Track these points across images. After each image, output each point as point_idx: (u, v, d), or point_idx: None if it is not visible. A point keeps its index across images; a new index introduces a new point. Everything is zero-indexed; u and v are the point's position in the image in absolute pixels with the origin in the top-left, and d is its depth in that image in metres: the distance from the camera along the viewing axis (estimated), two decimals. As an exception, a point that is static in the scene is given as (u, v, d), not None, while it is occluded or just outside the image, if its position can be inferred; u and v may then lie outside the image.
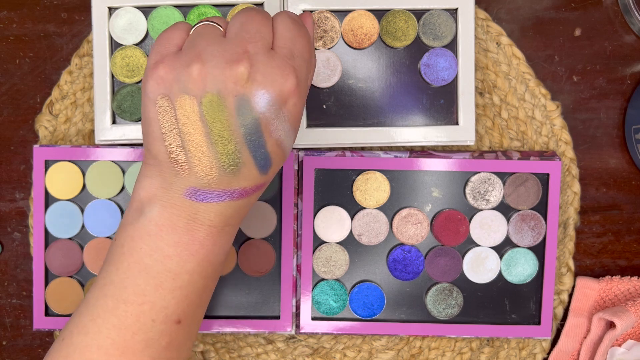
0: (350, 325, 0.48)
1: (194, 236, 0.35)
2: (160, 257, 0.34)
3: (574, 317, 0.50)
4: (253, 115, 0.33)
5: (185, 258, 0.35)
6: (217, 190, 0.34)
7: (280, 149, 0.35)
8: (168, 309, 0.35)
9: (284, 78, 0.33)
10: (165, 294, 0.35)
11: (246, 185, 0.35)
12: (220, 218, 0.35)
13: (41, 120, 0.49)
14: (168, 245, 0.34)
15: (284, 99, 0.33)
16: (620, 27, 0.49)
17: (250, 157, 0.34)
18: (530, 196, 0.48)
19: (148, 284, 0.34)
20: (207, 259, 0.35)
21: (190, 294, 0.35)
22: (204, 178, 0.34)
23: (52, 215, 0.47)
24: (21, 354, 0.51)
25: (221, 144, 0.33)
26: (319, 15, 0.46)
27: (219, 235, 0.35)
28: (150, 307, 0.34)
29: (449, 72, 0.47)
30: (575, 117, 0.50)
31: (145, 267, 0.34)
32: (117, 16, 0.46)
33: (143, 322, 0.34)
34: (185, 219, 0.34)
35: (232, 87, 0.32)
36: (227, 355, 0.50)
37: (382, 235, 0.48)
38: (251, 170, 0.34)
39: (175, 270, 0.35)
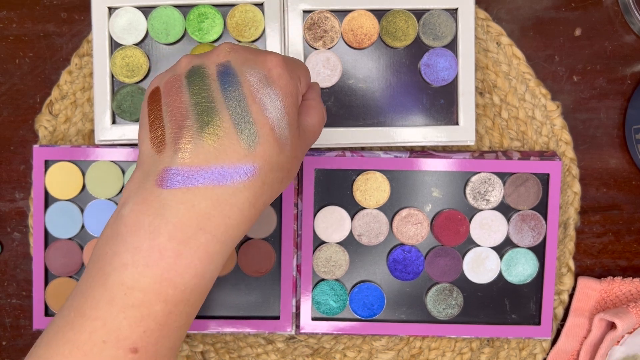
0: (350, 325, 0.48)
1: (154, 241, 0.29)
2: (117, 265, 0.30)
3: (574, 317, 0.50)
4: (235, 75, 0.32)
5: (141, 270, 0.29)
6: (190, 167, 0.30)
7: (267, 121, 0.31)
8: (120, 330, 0.29)
9: (267, 53, 0.34)
10: (116, 311, 0.29)
11: (226, 162, 0.30)
12: (191, 214, 0.30)
13: (41, 120, 0.49)
14: (127, 250, 0.29)
15: (267, 66, 0.33)
16: (621, 27, 0.49)
17: (230, 122, 0.31)
18: (531, 196, 0.48)
19: (102, 297, 0.30)
20: (167, 276, 0.29)
21: (146, 318, 0.30)
22: (179, 151, 0.30)
23: (51, 215, 0.47)
24: (21, 354, 0.51)
25: (202, 110, 0.31)
26: (319, 15, 0.46)
27: (187, 244, 0.30)
28: (102, 324, 0.29)
29: (449, 72, 0.47)
30: (576, 117, 0.50)
31: (104, 275, 0.30)
32: (117, 16, 0.46)
33: (94, 342, 0.29)
34: (151, 216, 0.30)
35: (215, 58, 0.33)
36: (227, 355, 0.50)
37: (382, 235, 0.48)
38: (232, 140, 0.30)
39: (128, 284, 0.29)
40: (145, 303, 0.30)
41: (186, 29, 0.46)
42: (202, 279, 0.31)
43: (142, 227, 0.30)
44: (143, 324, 0.30)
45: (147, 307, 0.30)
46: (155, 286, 0.29)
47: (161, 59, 0.47)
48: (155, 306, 0.30)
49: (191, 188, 0.30)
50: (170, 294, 0.30)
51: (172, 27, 0.46)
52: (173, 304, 0.30)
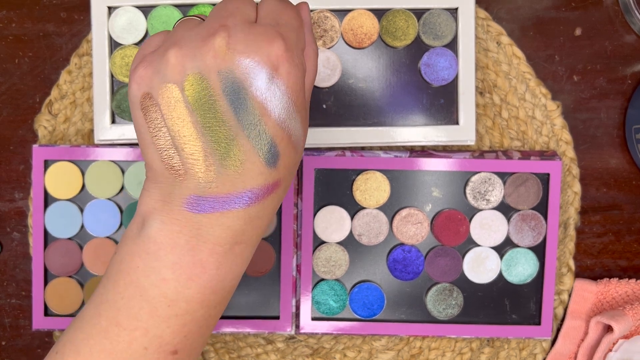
0: (350, 325, 0.48)
1: (195, 257, 0.30)
2: (156, 280, 0.30)
3: (571, 320, 0.49)
4: (242, 90, 0.29)
5: (184, 283, 0.30)
6: (221, 196, 0.30)
7: (284, 132, 0.30)
8: (162, 338, 0.31)
9: (269, 42, 0.29)
10: (159, 321, 0.31)
11: (254, 185, 0.30)
12: (228, 233, 0.30)
13: (40, 120, 0.49)
14: (166, 266, 0.30)
15: (273, 65, 0.29)
16: (621, 27, 0.49)
17: (249, 144, 0.30)
18: (531, 196, 0.47)
19: (142, 309, 0.30)
20: (210, 285, 0.31)
21: (188, 324, 0.31)
22: (202, 179, 0.30)
23: (51, 215, 0.47)
24: (20, 354, 0.51)
25: (212, 131, 0.29)
26: (319, 15, 0.46)
27: (225, 257, 0.31)
28: (143, 333, 0.31)
29: (449, 72, 0.46)
30: (576, 116, 0.50)
31: (140, 289, 0.31)
32: (116, 15, 0.46)
33: (135, 350, 0.30)
34: (187, 236, 0.30)
35: (213, 61, 0.29)
36: (226, 355, 0.50)
37: (382, 235, 0.48)
38: (255, 162, 0.30)
39: (171, 297, 0.30)
40: (189, 311, 0.31)
41: (186, 28, 0.46)
42: (237, 279, 0.32)
43: (178, 245, 0.30)
44: (185, 330, 0.31)
45: (190, 315, 0.31)
46: (198, 296, 0.31)
47: (161, 58, 0.47)
48: (198, 312, 0.31)
49: (225, 212, 0.30)
50: (212, 299, 0.31)
51: (171, 26, 0.46)
52: (213, 307, 0.32)
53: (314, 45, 0.33)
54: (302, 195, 0.47)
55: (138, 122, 0.31)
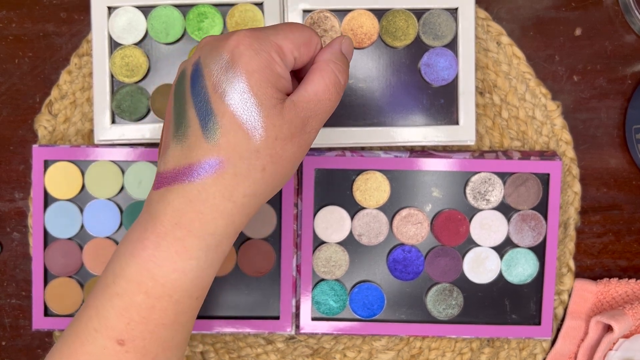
0: (350, 325, 0.48)
1: (141, 234, 0.31)
2: (114, 256, 0.32)
3: (571, 320, 0.49)
4: (199, 72, 0.31)
5: (127, 259, 0.31)
6: (169, 170, 0.31)
7: (224, 106, 0.30)
8: (108, 320, 0.31)
9: (231, 34, 0.32)
10: (105, 300, 0.31)
11: (193, 160, 0.31)
12: (168, 210, 0.31)
13: (40, 120, 0.49)
14: (123, 242, 0.32)
15: (229, 48, 0.31)
16: (621, 27, 0.49)
17: (195, 118, 0.31)
18: (531, 196, 0.47)
19: (98, 285, 0.32)
20: (147, 267, 0.31)
21: (129, 309, 0.31)
22: (162, 156, 0.32)
23: (51, 215, 0.47)
24: (20, 354, 0.51)
25: (177, 113, 0.32)
26: (319, 15, 0.46)
27: (165, 237, 0.31)
28: (95, 312, 0.32)
29: (449, 72, 0.46)
30: (576, 117, 0.50)
31: (105, 268, 0.33)
32: (116, 16, 0.46)
33: (88, 331, 0.31)
34: (144, 213, 0.32)
35: (193, 57, 0.33)
36: (226, 355, 0.50)
37: (382, 235, 0.48)
38: (196, 134, 0.31)
39: (116, 272, 0.31)
40: (128, 292, 0.31)
41: (186, 28, 0.46)
42: (182, 274, 0.31)
43: (138, 222, 0.32)
44: (127, 315, 0.31)
45: (129, 297, 0.31)
46: (136, 276, 0.31)
47: (161, 58, 0.47)
48: (137, 297, 0.31)
49: (169, 188, 0.31)
50: (151, 286, 0.31)
51: (171, 26, 0.46)
52: (155, 297, 0.31)
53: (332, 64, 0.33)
54: (302, 195, 0.47)
55: None
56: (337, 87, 0.33)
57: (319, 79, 0.33)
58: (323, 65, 0.33)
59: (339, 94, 0.33)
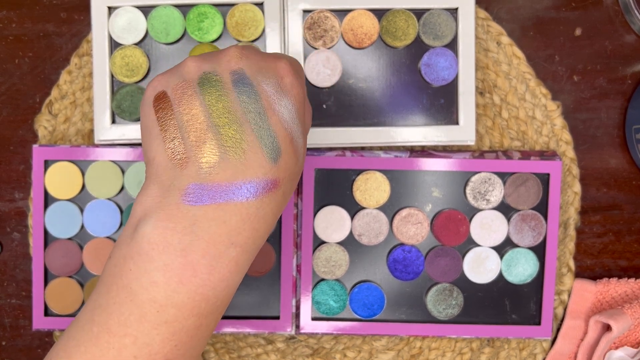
0: (350, 325, 0.48)
1: (187, 258, 0.29)
2: (146, 283, 0.29)
3: (570, 320, 0.49)
4: (252, 85, 0.31)
5: (174, 287, 0.29)
6: (221, 184, 0.29)
7: (287, 132, 0.31)
8: (152, 346, 0.30)
9: (276, 58, 0.33)
10: (149, 328, 0.29)
11: (254, 177, 0.30)
12: (223, 230, 0.29)
13: (40, 120, 0.49)
14: (157, 268, 0.29)
15: (279, 75, 0.32)
16: (621, 27, 0.49)
17: (253, 135, 0.30)
18: (531, 196, 0.47)
19: (132, 314, 0.29)
20: (201, 291, 0.30)
21: (178, 332, 0.30)
22: (205, 164, 0.29)
23: (51, 215, 0.47)
24: (20, 354, 0.51)
25: (223, 122, 0.30)
26: (319, 15, 0.46)
27: (219, 260, 0.30)
28: (133, 341, 0.29)
29: (449, 72, 0.46)
30: (576, 117, 0.50)
31: (131, 293, 0.30)
32: (116, 16, 0.46)
33: (124, 358, 0.29)
34: (180, 233, 0.29)
35: (226, 64, 0.32)
36: (226, 355, 0.50)
37: (382, 235, 0.48)
38: (257, 153, 0.30)
39: (160, 301, 0.29)
40: (179, 318, 0.30)
41: (186, 28, 0.46)
42: (232, 289, 0.31)
43: (171, 245, 0.29)
44: (175, 339, 0.30)
45: (180, 322, 0.30)
46: (189, 302, 0.30)
47: (161, 58, 0.47)
48: (188, 320, 0.30)
49: (222, 204, 0.29)
50: (203, 307, 0.30)
51: (171, 26, 0.46)
52: (204, 316, 0.30)
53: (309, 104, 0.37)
54: (302, 195, 0.47)
55: (147, 119, 0.32)
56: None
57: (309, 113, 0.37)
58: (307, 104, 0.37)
59: None
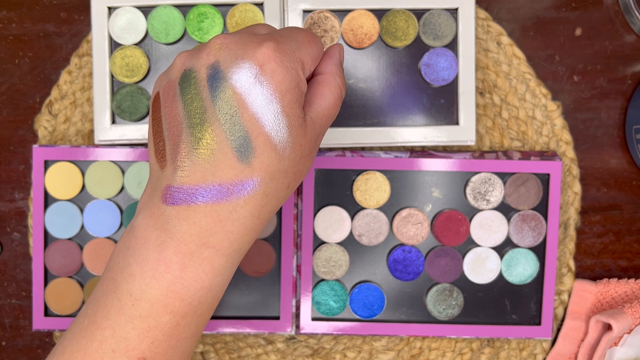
0: (350, 325, 0.48)
1: (161, 254, 0.29)
2: (127, 276, 0.30)
3: (571, 320, 0.49)
4: (222, 79, 0.29)
5: (148, 281, 0.30)
6: (189, 186, 0.29)
7: (261, 128, 0.29)
8: (128, 340, 0.30)
9: (258, 43, 0.30)
10: (124, 321, 0.30)
11: (223, 179, 0.29)
12: (194, 230, 0.29)
13: (40, 120, 0.49)
14: (136, 262, 0.30)
15: (259, 62, 0.29)
16: (621, 27, 0.49)
17: (223, 134, 0.29)
18: (531, 196, 0.47)
19: (112, 306, 0.30)
20: (174, 288, 0.30)
21: (153, 329, 0.30)
22: (177, 169, 0.30)
23: (51, 215, 0.47)
24: (20, 354, 0.51)
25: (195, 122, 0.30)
26: (319, 15, 0.46)
27: (191, 258, 0.30)
28: (111, 333, 0.30)
29: (450, 72, 0.46)
30: (576, 117, 0.50)
31: (115, 285, 0.30)
32: (116, 16, 0.46)
33: (104, 351, 0.30)
34: (158, 230, 0.30)
35: (205, 58, 0.30)
36: (227, 355, 0.50)
37: (382, 235, 0.48)
38: (227, 154, 0.29)
39: (136, 294, 0.30)
40: (152, 314, 0.30)
41: (186, 28, 0.46)
42: (209, 291, 0.31)
43: (150, 240, 0.30)
44: (151, 335, 0.30)
45: (154, 318, 0.30)
46: (161, 297, 0.30)
47: (161, 58, 0.47)
48: (163, 317, 0.30)
49: (192, 206, 0.29)
50: (177, 306, 0.30)
51: (171, 26, 0.46)
52: (180, 315, 0.30)
53: (338, 78, 0.33)
54: (302, 195, 0.47)
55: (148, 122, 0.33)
56: (341, 99, 0.34)
57: (328, 93, 0.33)
58: (330, 78, 0.33)
59: (340, 105, 0.34)
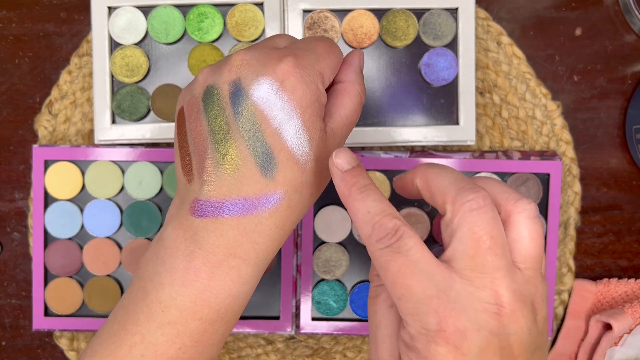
0: (350, 325, 0.48)
1: (190, 263, 0.30)
2: (156, 284, 0.31)
3: (571, 320, 0.49)
4: (244, 96, 0.30)
5: (177, 289, 0.30)
6: (216, 200, 0.30)
7: (283, 144, 0.30)
8: (157, 346, 0.31)
9: (278, 59, 0.31)
10: (154, 327, 0.31)
11: (249, 193, 0.30)
12: (222, 242, 0.31)
13: (40, 120, 0.49)
14: (166, 270, 0.31)
15: (279, 78, 0.30)
16: (621, 27, 0.49)
17: (247, 150, 0.30)
18: (531, 196, 0.47)
19: (142, 313, 0.31)
20: (202, 296, 0.31)
21: (181, 335, 0.31)
22: (204, 183, 0.31)
23: (51, 215, 0.47)
24: (20, 354, 0.51)
25: (219, 139, 0.31)
26: (319, 15, 0.46)
27: (219, 267, 0.31)
28: (141, 339, 0.31)
29: (450, 72, 0.46)
30: (576, 116, 0.50)
31: (144, 293, 0.31)
32: (116, 16, 0.46)
33: (133, 356, 0.31)
34: (187, 241, 0.31)
35: (227, 75, 0.31)
36: (226, 355, 0.50)
37: (382, 235, 0.48)
38: (251, 169, 0.30)
39: (165, 302, 0.31)
40: (181, 320, 0.31)
41: (186, 28, 0.46)
42: (236, 299, 0.32)
43: (179, 250, 0.31)
44: (179, 341, 0.31)
45: (182, 325, 0.31)
46: (190, 305, 0.31)
47: (161, 58, 0.47)
48: (191, 324, 0.31)
49: (219, 218, 0.30)
50: (205, 313, 0.31)
51: (171, 26, 0.46)
52: (208, 322, 0.31)
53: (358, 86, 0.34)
54: (302, 196, 0.47)
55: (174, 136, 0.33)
56: (361, 106, 0.34)
57: (348, 102, 0.33)
58: (350, 87, 0.34)
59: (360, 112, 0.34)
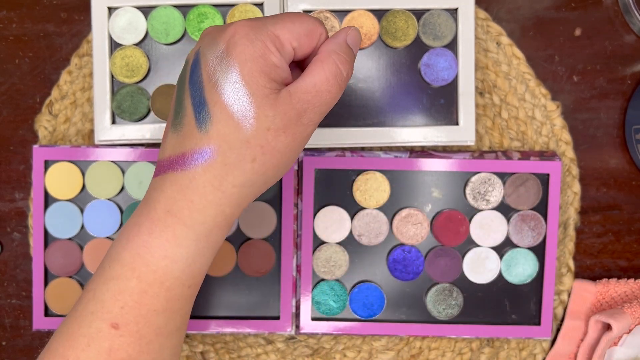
0: (350, 325, 0.48)
1: (136, 219, 0.32)
2: (114, 242, 0.33)
3: (570, 320, 0.50)
4: (197, 63, 0.32)
5: (123, 244, 0.32)
6: (166, 158, 0.32)
7: (216, 95, 0.31)
8: (104, 302, 0.32)
9: (231, 23, 0.32)
10: (101, 282, 0.32)
11: (185, 149, 0.31)
12: (161, 196, 0.32)
13: (41, 120, 0.49)
14: (124, 227, 0.33)
15: (226, 37, 0.31)
16: (621, 27, 0.49)
17: (190, 109, 0.32)
18: (531, 196, 0.47)
19: (97, 270, 0.33)
20: (140, 252, 0.32)
21: (123, 293, 0.32)
22: (162, 144, 0.33)
23: (51, 215, 0.47)
24: (20, 354, 0.51)
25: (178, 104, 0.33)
26: (319, 15, 0.46)
27: (157, 224, 0.32)
28: (93, 295, 0.32)
29: (449, 72, 0.46)
30: (576, 117, 0.50)
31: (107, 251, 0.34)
32: (116, 16, 0.46)
33: (85, 314, 0.32)
34: (144, 200, 0.33)
35: (195, 48, 0.33)
36: (226, 355, 0.50)
37: (382, 235, 0.48)
38: (191, 126, 0.31)
39: (112, 256, 0.33)
40: (122, 277, 0.32)
41: (186, 29, 0.46)
42: (172, 261, 0.32)
43: (137, 209, 0.34)
44: (121, 299, 0.32)
45: (123, 281, 0.32)
46: (130, 261, 0.32)
47: (161, 59, 0.47)
48: (130, 281, 0.32)
49: (163, 176, 0.32)
50: (143, 272, 0.32)
51: (172, 27, 0.46)
52: (146, 283, 0.32)
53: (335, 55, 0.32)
54: (302, 195, 0.47)
55: None
56: (337, 78, 0.32)
57: (319, 69, 0.32)
58: (324, 56, 0.32)
59: (340, 86, 0.33)
